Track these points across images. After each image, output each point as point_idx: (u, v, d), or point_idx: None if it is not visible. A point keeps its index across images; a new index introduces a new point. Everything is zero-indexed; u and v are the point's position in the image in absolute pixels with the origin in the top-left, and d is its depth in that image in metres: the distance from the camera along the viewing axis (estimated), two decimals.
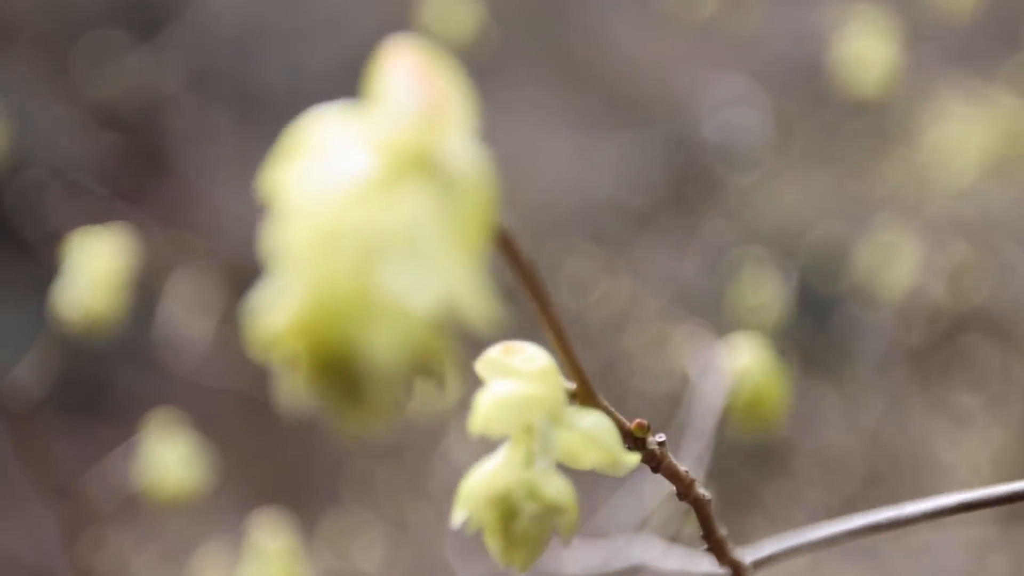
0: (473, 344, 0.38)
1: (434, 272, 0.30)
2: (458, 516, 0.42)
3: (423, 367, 0.30)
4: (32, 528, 2.19)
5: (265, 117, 3.56)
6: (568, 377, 0.43)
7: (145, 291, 1.52)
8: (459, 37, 2.42)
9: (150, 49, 3.09)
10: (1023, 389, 2.46)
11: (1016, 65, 2.48)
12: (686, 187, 3.63)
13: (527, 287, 0.36)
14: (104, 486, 1.35)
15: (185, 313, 2.18)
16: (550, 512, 0.41)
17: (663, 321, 2.48)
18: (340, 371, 0.29)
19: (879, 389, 2.47)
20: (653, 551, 0.69)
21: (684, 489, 0.47)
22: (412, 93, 0.32)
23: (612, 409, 0.43)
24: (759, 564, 0.54)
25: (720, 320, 2.21)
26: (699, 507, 0.48)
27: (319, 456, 2.98)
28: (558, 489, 0.42)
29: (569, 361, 0.41)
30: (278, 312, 0.29)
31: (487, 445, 0.44)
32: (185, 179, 3.46)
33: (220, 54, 3.52)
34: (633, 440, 0.45)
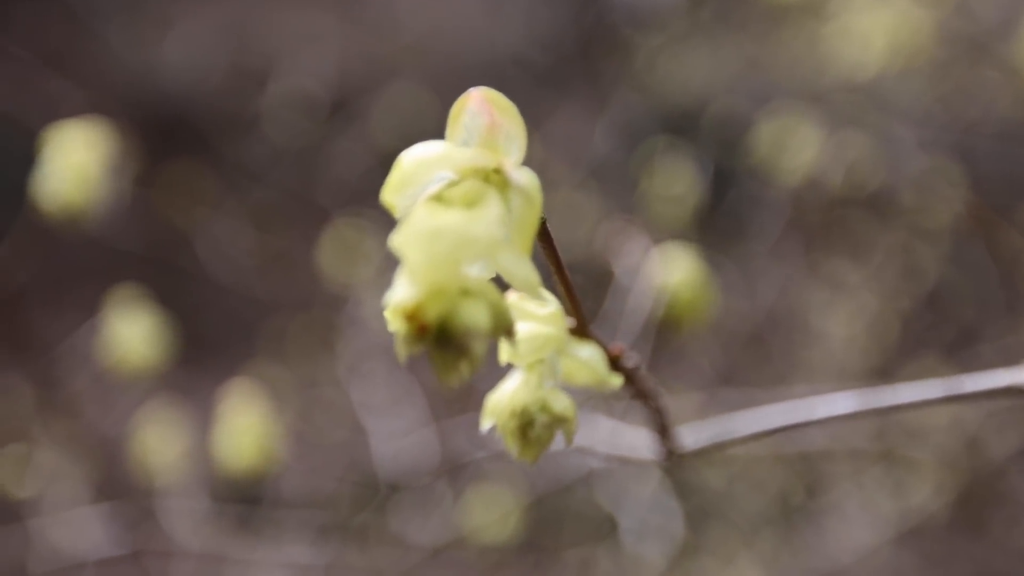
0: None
1: (502, 264, 0.42)
2: (486, 424, 0.54)
3: (500, 329, 0.42)
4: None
5: None
6: (568, 315, 0.55)
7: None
8: None
9: None
10: (899, 262, 2.63)
11: None
12: (593, 47, 3.64)
13: (550, 256, 0.48)
14: (74, 359, 1.41)
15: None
16: (557, 421, 0.54)
17: (574, 191, 2.55)
18: (447, 333, 0.41)
19: (771, 260, 2.60)
20: (601, 430, 0.81)
21: (649, 400, 0.60)
22: (478, 117, 0.43)
23: (602, 342, 0.56)
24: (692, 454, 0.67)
25: (631, 196, 2.30)
26: (660, 412, 0.60)
27: (232, 317, 3.02)
28: (564, 404, 0.54)
29: (573, 306, 0.53)
30: (403, 295, 0.40)
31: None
32: (74, 17, 3.37)
33: None
34: (614, 363, 0.57)
